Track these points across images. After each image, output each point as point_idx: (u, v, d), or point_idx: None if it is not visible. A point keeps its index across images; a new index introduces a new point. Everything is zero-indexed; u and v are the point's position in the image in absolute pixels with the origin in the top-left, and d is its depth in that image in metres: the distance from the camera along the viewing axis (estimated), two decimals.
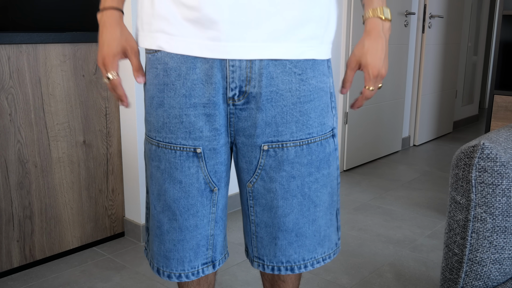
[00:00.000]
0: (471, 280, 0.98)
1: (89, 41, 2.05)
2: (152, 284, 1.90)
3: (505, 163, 0.94)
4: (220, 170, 1.04)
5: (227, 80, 0.96)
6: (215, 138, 1.00)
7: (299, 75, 0.98)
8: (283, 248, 1.07)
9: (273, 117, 0.99)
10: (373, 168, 3.51)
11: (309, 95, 1.00)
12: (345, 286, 1.89)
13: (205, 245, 1.07)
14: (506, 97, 2.33)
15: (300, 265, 1.08)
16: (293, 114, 0.99)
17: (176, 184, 1.02)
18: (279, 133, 1.00)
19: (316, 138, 1.02)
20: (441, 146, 4.21)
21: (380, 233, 2.39)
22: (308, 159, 1.02)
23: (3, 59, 1.83)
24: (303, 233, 1.06)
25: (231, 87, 0.96)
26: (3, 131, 1.87)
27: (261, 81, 0.96)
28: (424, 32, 3.96)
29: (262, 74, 0.96)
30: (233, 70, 0.95)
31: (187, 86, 0.97)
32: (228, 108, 0.99)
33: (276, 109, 0.98)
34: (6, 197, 1.91)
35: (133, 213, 2.27)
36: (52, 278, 1.95)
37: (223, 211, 1.09)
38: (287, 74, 0.97)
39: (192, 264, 1.07)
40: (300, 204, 1.04)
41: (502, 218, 0.95)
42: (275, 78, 0.97)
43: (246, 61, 0.95)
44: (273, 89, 0.97)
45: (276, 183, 1.02)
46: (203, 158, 1.01)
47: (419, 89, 4.08)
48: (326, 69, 1.04)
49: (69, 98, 2.04)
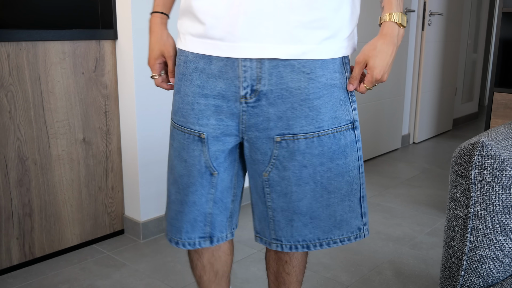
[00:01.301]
0: (471, 278, 0.98)
1: (89, 38, 2.05)
2: (151, 282, 1.90)
3: (504, 161, 0.94)
4: (220, 157, 1.12)
5: (240, 79, 1.04)
6: (219, 128, 1.09)
7: (307, 74, 1.04)
8: (299, 229, 1.14)
9: (284, 112, 1.06)
10: (373, 166, 3.51)
11: (318, 92, 1.05)
12: (344, 283, 1.90)
13: (202, 221, 1.17)
14: (506, 95, 2.33)
15: (316, 244, 1.16)
16: (303, 110, 1.05)
17: (182, 162, 1.14)
18: (290, 126, 1.07)
19: (327, 131, 1.08)
20: (441, 143, 4.21)
21: (380, 230, 2.39)
22: (319, 150, 1.08)
23: (3, 57, 1.83)
24: (317, 216, 1.13)
25: (244, 86, 1.04)
26: (2, 128, 1.87)
27: (271, 80, 1.03)
28: (424, 30, 3.96)
29: (272, 74, 1.03)
30: (245, 70, 1.03)
31: (202, 79, 1.07)
32: (240, 106, 1.06)
33: (286, 104, 1.05)
34: (5, 194, 1.91)
35: (132, 210, 2.28)
36: (52, 276, 1.95)
37: (223, 193, 1.17)
38: (295, 73, 1.03)
39: (189, 235, 1.18)
40: (313, 191, 1.11)
41: (501, 216, 0.95)
42: (284, 77, 1.03)
43: (256, 62, 1.02)
44: (283, 87, 1.04)
45: (289, 171, 1.09)
46: (207, 143, 1.11)
47: (419, 87, 4.08)
48: (338, 66, 1.08)
49: (69, 95, 2.04)
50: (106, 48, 2.13)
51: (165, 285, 1.88)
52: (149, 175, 2.24)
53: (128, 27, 2.07)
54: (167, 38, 1.15)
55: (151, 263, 2.05)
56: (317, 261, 2.06)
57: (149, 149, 2.22)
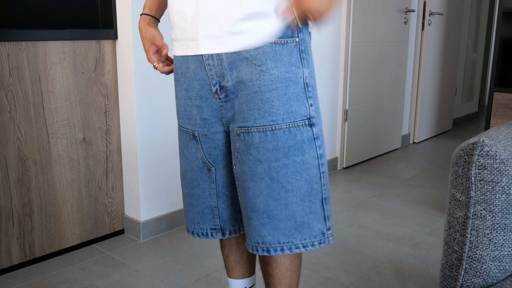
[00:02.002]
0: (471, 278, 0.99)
1: (89, 38, 2.05)
2: (151, 281, 1.90)
3: (504, 161, 0.94)
4: (214, 154, 1.19)
5: (209, 77, 1.12)
6: (205, 126, 1.17)
7: (258, 66, 1.06)
8: (256, 228, 1.14)
9: (240, 105, 1.10)
10: (373, 166, 3.51)
11: (270, 85, 1.06)
12: (344, 283, 1.90)
13: (210, 213, 1.24)
14: (506, 95, 2.33)
15: (276, 248, 1.14)
16: (255, 102, 1.08)
17: (185, 159, 1.24)
18: (244, 119, 1.10)
19: (282, 125, 1.08)
20: (441, 143, 4.21)
21: (380, 230, 2.39)
22: (273, 145, 1.08)
23: (3, 56, 1.83)
24: (275, 216, 1.12)
25: (213, 83, 1.12)
26: (2, 128, 1.87)
27: (232, 75, 1.09)
28: (424, 30, 3.96)
29: (232, 69, 1.08)
30: (210, 68, 1.10)
31: (186, 82, 1.17)
32: (217, 101, 1.14)
33: (242, 97, 1.09)
34: (5, 194, 1.91)
35: (132, 210, 2.28)
36: (52, 276, 1.95)
37: (227, 189, 1.22)
38: (248, 66, 1.07)
39: (201, 226, 1.26)
40: (269, 187, 1.10)
41: (501, 216, 0.95)
42: (240, 70, 1.08)
43: (217, 59, 1.09)
44: (239, 80, 1.08)
45: (245, 166, 1.11)
46: (199, 141, 1.19)
47: (419, 87, 4.08)
48: (295, 59, 1.08)
49: (69, 95, 2.04)
50: (106, 48, 2.13)
51: (165, 285, 1.88)
52: (149, 175, 2.24)
53: (128, 27, 2.07)
54: (153, 30, 1.23)
55: (151, 263, 2.05)
56: (317, 261, 2.06)
57: (149, 149, 2.22)
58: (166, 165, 2.29)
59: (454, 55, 4.53)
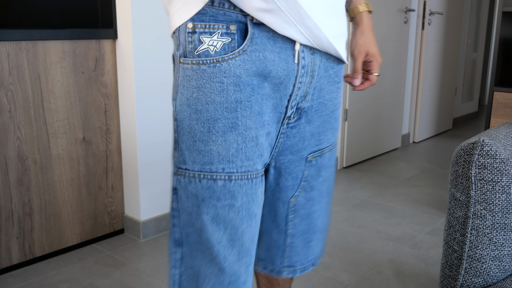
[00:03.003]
0: (471, 277, 0.98)
1: (89, 38, 2.05)
2: (151, 281, 1.90)
3: (504, 160, 0.94)
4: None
5: (293, 96, 0.90)
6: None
7: (337, 83, 1.00)
8: (313, 248, 1.10)
9: (317, 127, 0.98)
10: (373, 165, 3.51)
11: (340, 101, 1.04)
12: (344, 282, 1.90)
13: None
14: (506, 94, 2.33)
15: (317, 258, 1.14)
16: (330, 122, 1.01)
17: (253, 220, 0.89)
18: (320, 141, 1.01)
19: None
20: (441, 143, 4.21)
21: (380, 230, 2.39)
22: (334, 160, 1.07)
23: (3, 56, 1.83)
24: (326, 228, 1.12)
25: (291, 105, 0.91)
26: (2, 128, 1.87)
27: (314, 94, 0.94)
28: (424, 29, 3.96)
29: (316, 87, 0.94)
30: (299, 87, 0.90)
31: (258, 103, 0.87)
32: (281, 128, 0.93)
33: (320, 119, 0.98)
34: (5, 194, 1.91)
35: (132, 210, 2.28)
36: (52, 275, 1.95)
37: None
38: (330, 84, 0.98)
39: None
40: (327, 203, 1.08)
41: (501, 215, 0.95)
42: (322, 89, 0.96)
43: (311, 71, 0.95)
44: (320, 101, 0.97)
45: (315, 190, 1.03)
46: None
47: (419, 86, 4.08)
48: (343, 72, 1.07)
49: (69, 95, 2.04)
50: (106, 48, 2.13)
51: (165, 284, 1.88)
52: (149, 174, 2.24)
53: (128, 26, 2.07)
54: None
55: (151, 262, 2.05)
56: None
57: (149, 149, 2.22)
58: (166, 165, 2.29)
59: (454, 54, 4.53)
